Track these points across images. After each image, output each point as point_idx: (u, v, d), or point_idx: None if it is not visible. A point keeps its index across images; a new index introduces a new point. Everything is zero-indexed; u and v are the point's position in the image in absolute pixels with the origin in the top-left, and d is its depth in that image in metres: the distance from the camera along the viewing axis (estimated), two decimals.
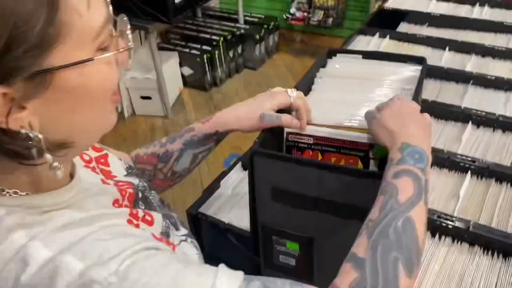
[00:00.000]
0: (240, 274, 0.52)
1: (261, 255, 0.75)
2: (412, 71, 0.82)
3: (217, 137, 0.79)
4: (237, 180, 1.06)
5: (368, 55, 0.88)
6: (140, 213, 0.61)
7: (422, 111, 0.68)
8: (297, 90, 0.76)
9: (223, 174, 1.07)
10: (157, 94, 2.90)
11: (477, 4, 1.74)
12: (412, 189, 0.56)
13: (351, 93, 0.78)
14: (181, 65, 3.28)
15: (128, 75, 2.81)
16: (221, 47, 3.31)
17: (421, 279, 0.82)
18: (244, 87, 3.53)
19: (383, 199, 0.56)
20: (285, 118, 0.73)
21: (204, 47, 3.24)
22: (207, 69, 3.31)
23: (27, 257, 0.46)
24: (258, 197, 0.67)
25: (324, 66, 0.89)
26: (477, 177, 1.02)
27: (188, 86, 3.48)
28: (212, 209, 0.97)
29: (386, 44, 1.54)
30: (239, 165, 1.10)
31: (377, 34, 1.58)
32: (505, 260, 0.84)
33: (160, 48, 3.16)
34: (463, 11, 1.72)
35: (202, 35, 3.37)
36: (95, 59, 0.46)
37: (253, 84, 3.55)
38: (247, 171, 1.02)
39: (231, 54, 3.45)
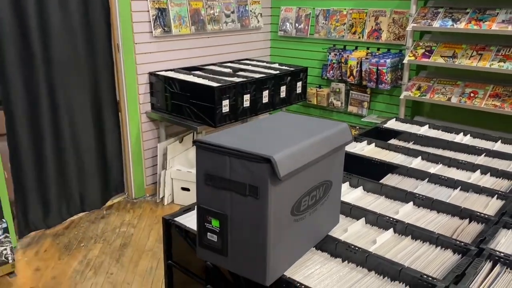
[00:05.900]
0: None
1: (197, 234, 1.03)
2: None
3: None
4: None
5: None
6: None
7: None
8: None
9: None
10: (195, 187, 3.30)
11: (461, 133, 2.05)
12: None
13: None
14: None
15: (174, 167, 3.28)
16: None
17: None
18: None
19: None
20: None
21: None
22: None
23: None
24: (198, 182, 0.99)
25: None
26: None
27: None
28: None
29: (370, 148, 1.86)
30: None
31: (366, 141, 1.91)
32: None
33: None
34: (448, 136, 2.03)
35: None
36: None
37: None
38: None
39: None
